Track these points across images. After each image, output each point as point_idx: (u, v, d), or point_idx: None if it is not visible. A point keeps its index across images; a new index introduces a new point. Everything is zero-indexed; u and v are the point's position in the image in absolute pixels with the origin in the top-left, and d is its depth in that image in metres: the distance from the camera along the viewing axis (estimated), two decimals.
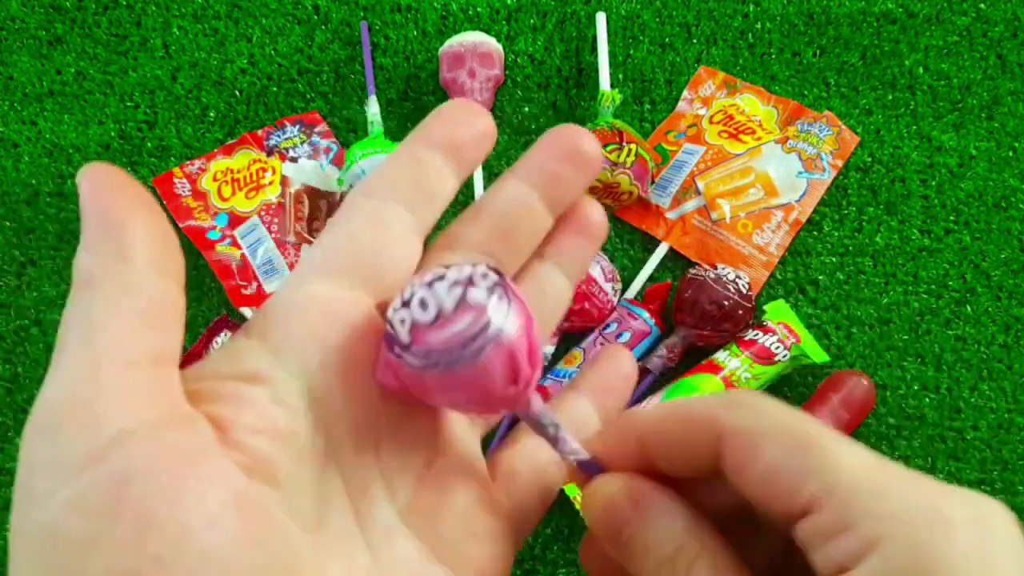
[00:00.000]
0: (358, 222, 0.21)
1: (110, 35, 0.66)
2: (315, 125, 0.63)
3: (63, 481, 0.15)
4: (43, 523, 0.15)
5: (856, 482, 0.16)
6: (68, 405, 0.16)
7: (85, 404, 0.16)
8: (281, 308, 0.20)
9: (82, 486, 0.15)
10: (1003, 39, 0.65)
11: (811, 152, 0.60)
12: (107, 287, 0.17)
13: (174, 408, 0.17)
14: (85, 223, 0.18)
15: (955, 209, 0.60)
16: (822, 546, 0.16)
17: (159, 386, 0.17)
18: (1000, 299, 0.57)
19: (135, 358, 0.17)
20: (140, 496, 0.15)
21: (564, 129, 0.23)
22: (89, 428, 0.15)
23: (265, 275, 0.58)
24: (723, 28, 0.66)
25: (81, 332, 0.16)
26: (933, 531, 0.15)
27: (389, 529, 0.20)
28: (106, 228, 0.18)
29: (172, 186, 0.60)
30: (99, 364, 0.16)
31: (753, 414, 0.17)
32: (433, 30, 0.66)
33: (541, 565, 0.51)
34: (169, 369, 0.18)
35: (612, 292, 0.55)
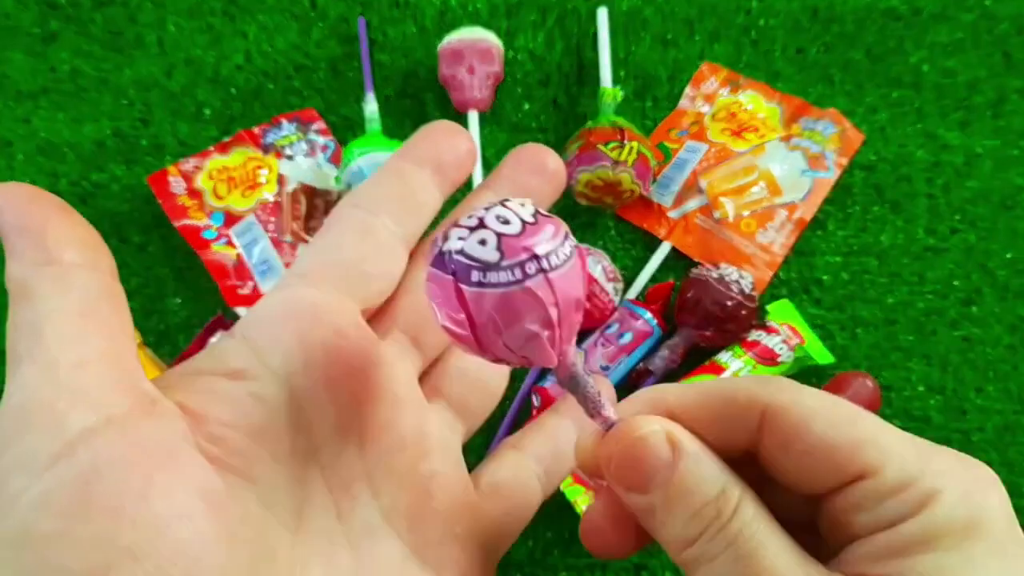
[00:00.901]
0: (346, 231, 0.22)
1: (105, 32, 0.65)
2: (312, 122, 0.62)
3: (31, 481, 0.15)
4: (14, 524, 0.15)
5: (905, 448, 0.18)
6: (30, 409, 0.16)
7: (46, 406, 0.16)
8: (267, 310, 0.20)
9: (49, 484, 0.15)
10: (1009, 36, 0.64)
11: (815, 150, 0.59)
12: (43, 292, 0.17)
13: (138, 400, 0.17)
14: (6, 237, 0.18)
15: (961, 208, 0.59)
16: (875, 507, 0.17)
17: (118, 379, 0.17)
18: (1006, 299, 0.57)
19: (88, 355, 0.17)
20: (108, 491, 0.15)
21: (528, 147, 0.25)
22: (53, 428, 0.15)
23: (261, 275, 0.57)
24: (726, 24, 0.65)
25: (29, 340, 0.16)
26: (977, 485, 0.17)
27: (372, 529, 0.20)
28: (27, 237, 0.18)
29: (167, 184, 0.59)
30: (54, 367, 0.16)
31: (797, 393, 0.18)
32: (432, 26, 0.65)
33: (542, 570, 0.50)
34: (125, 361, 0.17)
35: (614, 292, 0.54)
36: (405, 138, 0.66)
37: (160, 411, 0.17)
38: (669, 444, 0.19)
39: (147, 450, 0.16)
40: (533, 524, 0.51)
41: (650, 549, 0.50)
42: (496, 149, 0.62)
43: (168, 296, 0.57)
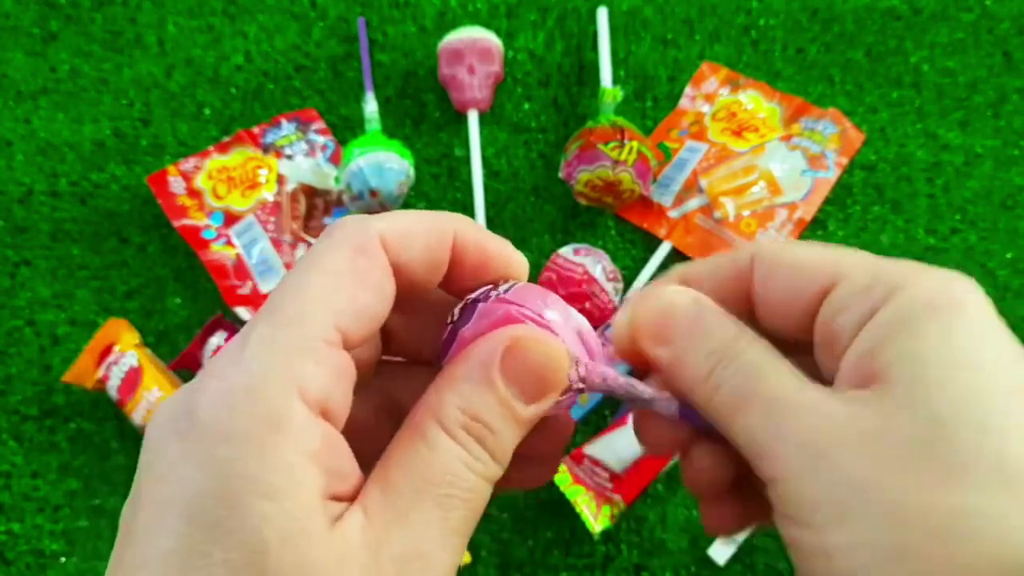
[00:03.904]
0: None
1: (105, 32, 0.65)
2: (312, 122, 0.62)
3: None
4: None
5: (873, 259, 0.20)
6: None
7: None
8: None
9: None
10: (1009, 36, 0.64)
11: (816, 150, 0.59)
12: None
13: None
14: None
15: (961, 208, 0.59)
16: (849, 308, 0.19)
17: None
18: (1006, 299, 0.57)
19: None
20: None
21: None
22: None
23: (261, 275, 0.57)
24: (726, 24, 0.65)
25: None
26: (950, 279, 0.18)
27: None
28: None
29: (167, 184, 0.59)
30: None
31: (777, 241, 0.23)
32: (432, 26, 0.65)
33: (542, 570, 0.50)
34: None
35: (613, 292, 0.54)
36: (405, 138, 0.67)
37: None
38: (692, 300, 0.21)
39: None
40: (533, 524, 0.51)
41: (649, 550, 0.50)
42: (496, 149, 0.62)
43: (168, 296, 0.57)
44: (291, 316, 0.17)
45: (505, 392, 0.19)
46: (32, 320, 0.57)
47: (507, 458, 0.19)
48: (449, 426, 0.18)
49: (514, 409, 0.19)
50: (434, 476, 0.18)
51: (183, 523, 0.15)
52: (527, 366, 0.19)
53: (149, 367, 0.52)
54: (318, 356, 0.17)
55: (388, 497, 0.17)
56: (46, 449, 0.53)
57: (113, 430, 0.54)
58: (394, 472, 0.18)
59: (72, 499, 0.52)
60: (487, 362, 0.19)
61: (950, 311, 0.18)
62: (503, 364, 0.19)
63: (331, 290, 0.18)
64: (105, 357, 0.52)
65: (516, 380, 0.19)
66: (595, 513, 0.48)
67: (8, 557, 0.51)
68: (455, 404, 0.19)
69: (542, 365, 0.20)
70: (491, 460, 0.19)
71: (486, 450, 0.19)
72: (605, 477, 0.49)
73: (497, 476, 0.19)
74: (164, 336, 0.56)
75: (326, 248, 0.19)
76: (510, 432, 0.19)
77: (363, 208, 0.57)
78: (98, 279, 0.58)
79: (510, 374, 0.19)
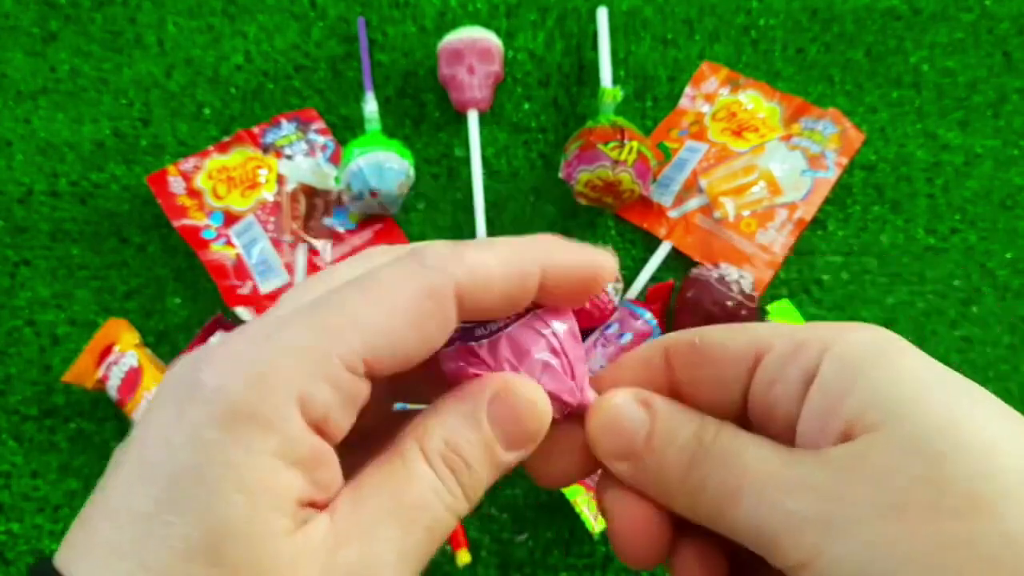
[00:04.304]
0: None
1: (104, 32, 0.65)
2: (312, 122, 0.62)
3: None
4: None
5: (782, 328, 0.20)
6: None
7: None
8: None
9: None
10: (1009, 36, 0.64)
11: (816, 150, 0.59)
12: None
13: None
14: None
15: (961, 208, 0.59)
16: (779, 380, 0.19)
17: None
18: (1006, 299, 0.57)
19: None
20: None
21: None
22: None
23: (261, 275, 0.57)
24: (726, 24, 0.65)
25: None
26: (871, 330, 0.19)
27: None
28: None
29: (166, 184, 0.59)
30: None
31: (686, 336, 0.21)
32: (432, 26, 0.65)
33: (542, 570, 0.50)
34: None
35: (613, 292, 0.54)
36: (405, 138, 0.66)
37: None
38: (641, 404, 0.21)
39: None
40: (533, 524, 0.51)
41: None
42: (496, 149, 0.62)
43: (168, 296, 0.57)
44: (332, 327, 0.17)
45: (489, 434, 0.19)
46: (32, 320, 0.57)
47: (477, 497, 0.20)
48: (429, 453, 0.19)
49: (494, 452, 0.20)
50: (404, 498, 0.18)
51: (158, 490, 0.16)
52: (512, 414, 0.20)
53: (149, 367, 0.52)
54: (336, 380, 0.17)
55: (356, 509, 0.18)
56: (46, 449, 0.53)
57: (113, 430, 0.53)
58: (367, 486, 0.18)
59: (72, 499, 0.52)
60: (476, 402, 0.20)
61: (890, 354, 0.18)
62: (490, 407, 0.20)
63: (382, 319, 0.18)
64: (105, 357, 0.52)
65: (500, 425, 0.20)
66: (595, 513, 0.48)
67: (8, 557, 0.51)
68: (439, 434, 0.19)
69: (527, 416, 0.20)
70: (462, 496, 0.19)
71: (460, 484, 0.19)
72: None
73: (463, 514, 0.19)
74: (164, 336, 0.56)
75: (398, 274, 0.18)
76: (485, 473, 0.20)
77: (363, 208, 0.57)
78: (98, 279, 0.58)
79: (495, 418, 0.20)
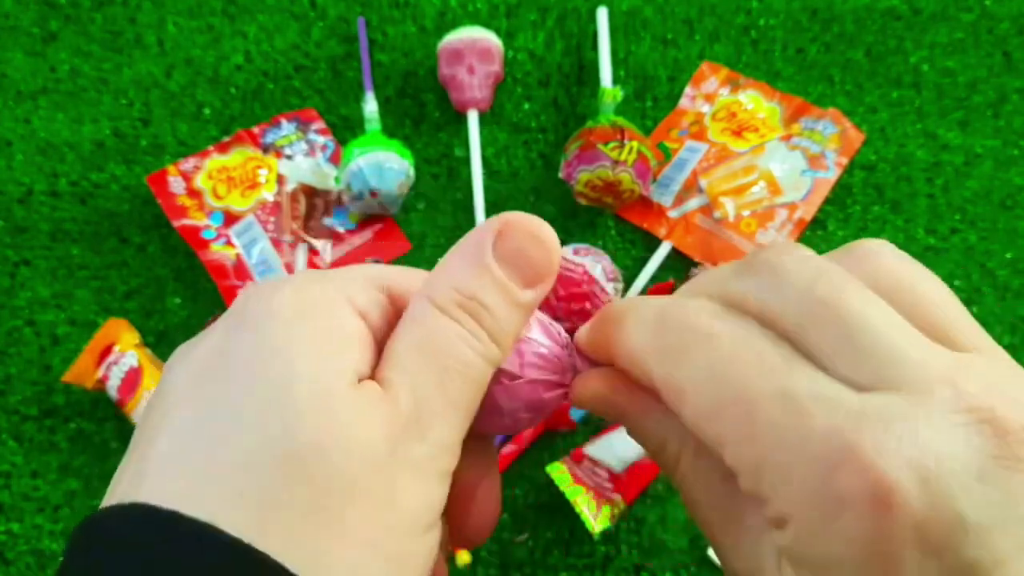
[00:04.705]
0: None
1: (104, 32, 0.65)
2: (312, 122, 0.62)
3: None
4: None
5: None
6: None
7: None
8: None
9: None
10: (1009, 36, 0.64)
11: (816, 150, 0.59)
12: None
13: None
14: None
15: (961, 208, 0.59)
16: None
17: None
18: (1006, 299, 0.57)
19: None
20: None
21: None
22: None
23: (261, 275, 0.57)
24: (726, 24, 0.65)
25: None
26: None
27: None
28: None
29: (166, 184, 0.59)
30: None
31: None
32: (432, 26, 0.65)
33: (542, 570, 0.50)
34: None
35: (613, 292, 0.54)
36: (405, 138, 0.66)
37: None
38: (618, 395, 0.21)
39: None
40: (533, 524, 0.51)
41: (649, 550, 0.50)
42: (496, 149, 0.62)
43: (168, 296, 0.57)
44: (354, 269, 0.21)
45: (500, 274, 0.19)
46: (32, 320, 0.57)
47: (507, 342, 0.20)
48: (442, 304, 0.19)
49: (511, 291, 0.19)
50: (431, 350, 0.18)
51: (216, 356, 0.18)
52: (519, 249, 0.19)
53: (149, 367, 0.52)
54: (367, 290, 0.20)
55: (393, 369, 0.18)
56: (46, 449, 0.53)
57: (113, 430, 0.53)
58: (396, 352, 0.19)
59: (72, 499, 0.52)
60: (480, 244, 0.19)
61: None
62: (496, 246, 0.19)
63: (390, 272, 0.21)
64: (105, 357, 0.52)
65: (510, 263, 0.19)
66: (595, 513, 0.48)
67: (8, 557, 0.51)
68: (448, 284, 0.19)
69: (534, 248, 0.20)
70: (488, 339, 0.19)
71: (483, 328, 0.19)
72: (605, 477, 0.49)
73: (497, 359, 0.19)
74: (164, 336, 0.56)
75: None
76: (508, 314, 0.19)
77: (363, 208, 0.57)
78: (98, 279, 0.58)
79: (503, 257, 0.19)
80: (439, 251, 0.58)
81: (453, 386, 0.18)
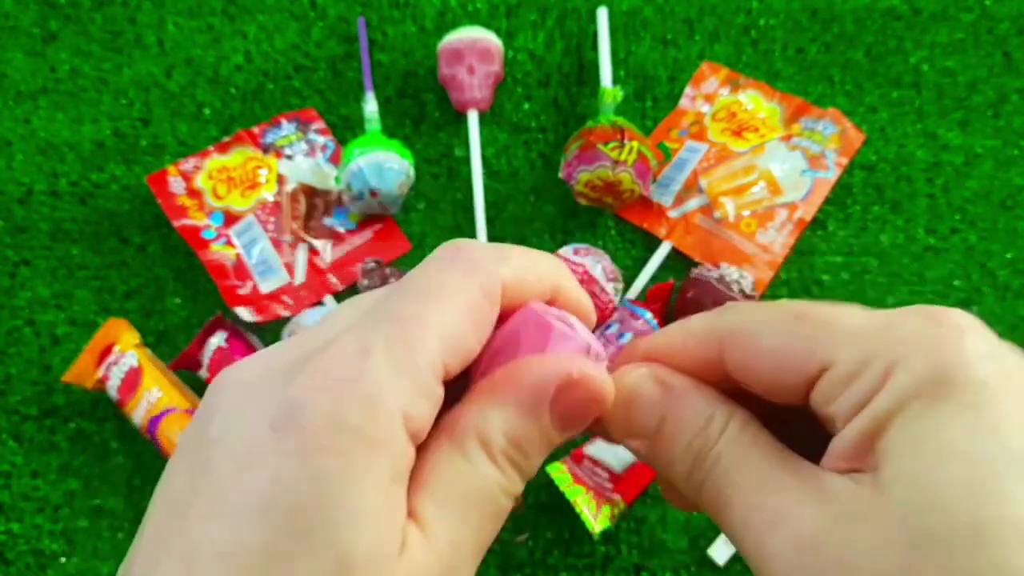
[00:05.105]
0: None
1: (104, 32, 0.65)
2: (312, 122, 0.62)
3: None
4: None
5: (859, 327, 0.17)
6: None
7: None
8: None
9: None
10: (1009, 36, 0.64)
11: (816, 150, 0.59)
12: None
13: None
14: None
15: (961, 208, 0.59)
16: (841, 395, 0.17)
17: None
18: (1006, 299, 0.57)
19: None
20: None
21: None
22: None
23: (261, 275, 0.57)
24: (726, 24, 0.65)
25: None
26: (942, 340, 0.16)
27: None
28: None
29: (166, 184, 0.59)
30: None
31: (746, 313, 0.19)
32: (432, 26, 0.65)
33: (542, 570, 0.50)
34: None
35: (614, 292, 0.54)
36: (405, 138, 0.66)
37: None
38: (657, 384, 0.20)
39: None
40: (533, 524, 0.51)
41: (649, 550, 0.50)
42: (496, 149, 0.62)
43: (168, 296, 0.57)
44: (413, 340, 0.17)
45: (548, 424, 0.19)
46: (32, 320, 0.57)
47: (532, 477, 0.20)
48: (493, 451, 0.18)
49: (551, 437, 0.19)
50: (475, 496, 0.18)
51: (273, 517, 0.15)
52: (577, 405, 0.19)
53: (149, 367, 0.52)
54: (426, 389, 0.17)
55: (439, 514, 0.17)
56: (46, 449, 0.53)
57: (113, 430, 0.54)
58: (440, 488, 0.18)
59: (72, 499, 0.52)
60: (539, 395, 0.19)
61: (948, 398, 0.16)
62: (555, 400, 0.19)
63: (450, 325, 0.18)
64: (105, 357, 0.52)
65: (563, 416, 0.19)
66: (595, 513, 0.48)
67: (8, 557, 0.51)
68: (500, 429, 0.18)
69: (591, 404, 0.19)
70: (520, 481, 0.19)
71: (519, 474, 0.19)
72: (605, 477, 0.49)
73: (519, 493, 0.19)
74: (164, 336, 0.56)
75: (456, 280, 0.18)
76: (541, 457, 0.19)
77: (363, 208, 0.57)
78: (98, 279, 0.58)
79: (559, 411, 0.19)
80: None
81: (485, 534, 0.18)
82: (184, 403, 0.51)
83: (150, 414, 0.50)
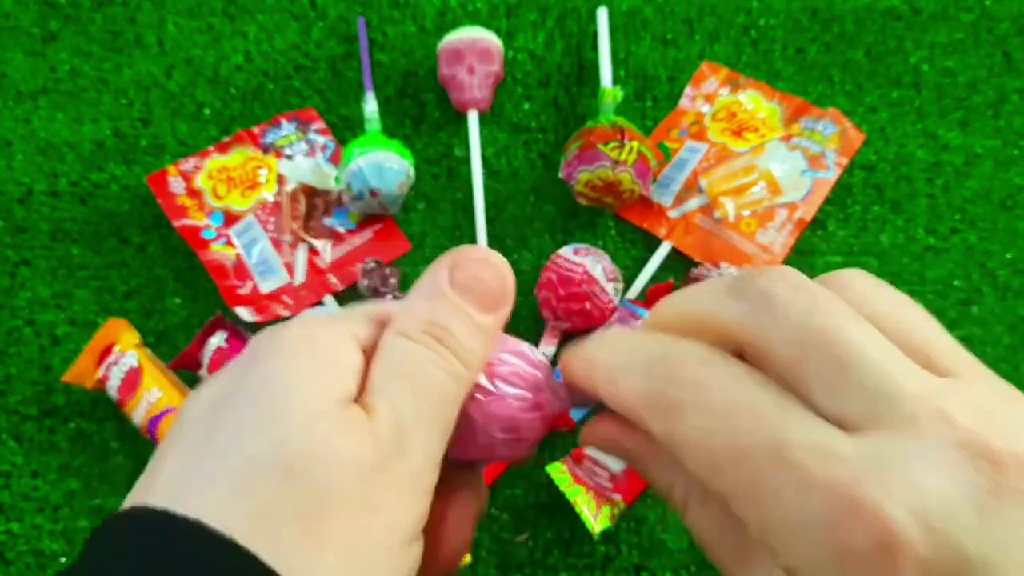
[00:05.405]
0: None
1: (104, 32, 0.65)
2: (312, 122, 0.62)
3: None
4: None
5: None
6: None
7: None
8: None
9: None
10: (1009, 36, 0.64)
11: (816, 150, 0.59)
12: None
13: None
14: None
15: (961, 208, 0.59)
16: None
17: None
18: (1006, 299, 0.57)
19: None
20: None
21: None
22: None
23: (261, 275, 0.57)
24: (726, 24, 0.65)
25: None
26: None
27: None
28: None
29: (166, 184, 0.59)
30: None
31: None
32: (432, 26, 0.65)
33: (542, 570, 0.50)
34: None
35: (613, 292, 0.54)
36: (405, 138, 0.66)
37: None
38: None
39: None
40: (533, 524, 0.51)
41: (649, 550, 0.50)
42: (496, 149, 0.62)
43: (168, 296, 0.57)
44: (356, 309, 0.22)
45: (458, 300, 0.21)
46: (32, 320, 0.57)
47: (474, 361, 0.21)
48: (409, 332, 0.20)
49: (470, 315, 0.21)
50: (403, 373, 0.20)
51: (229, 368, 0.20)
52: (474, 276, 0.21)
53: (149, 367, 0.52)
54: (367, 327, 0.21)
55: (372, 393, 0.20)
56: (46, 449, 0.53)
57: (113, 430, 0.53)
58: (379, 369, 0.20)
59: (72, 499, 0.52)
60: (437, 277, 0.21)
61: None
62: (451, 277, 0.21)
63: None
64: (105, 357, 0.52)
65: (466, 289, 0.21)
66: (595, 513, 0.48)
67: (8, 557, 0.51)
68: (412, 316, 0.21)
69: (487, 274, 0.21)
70: (454, 358, 0.20)
71: (448, 349, 0.20)
72: (605, 477, 0.49)
73: (466, 379, 0.21)
74: (164, 336, 0.56)
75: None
76: (470, 337, 0.21)
77: (363, 208, 0.57)
78: (98, 279, 0.58)
79: (460, 285, 0.21)
80: (439, 251, 0.58)
81: (427, 405, 0.20)
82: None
83: (150, 414, 0.50)
